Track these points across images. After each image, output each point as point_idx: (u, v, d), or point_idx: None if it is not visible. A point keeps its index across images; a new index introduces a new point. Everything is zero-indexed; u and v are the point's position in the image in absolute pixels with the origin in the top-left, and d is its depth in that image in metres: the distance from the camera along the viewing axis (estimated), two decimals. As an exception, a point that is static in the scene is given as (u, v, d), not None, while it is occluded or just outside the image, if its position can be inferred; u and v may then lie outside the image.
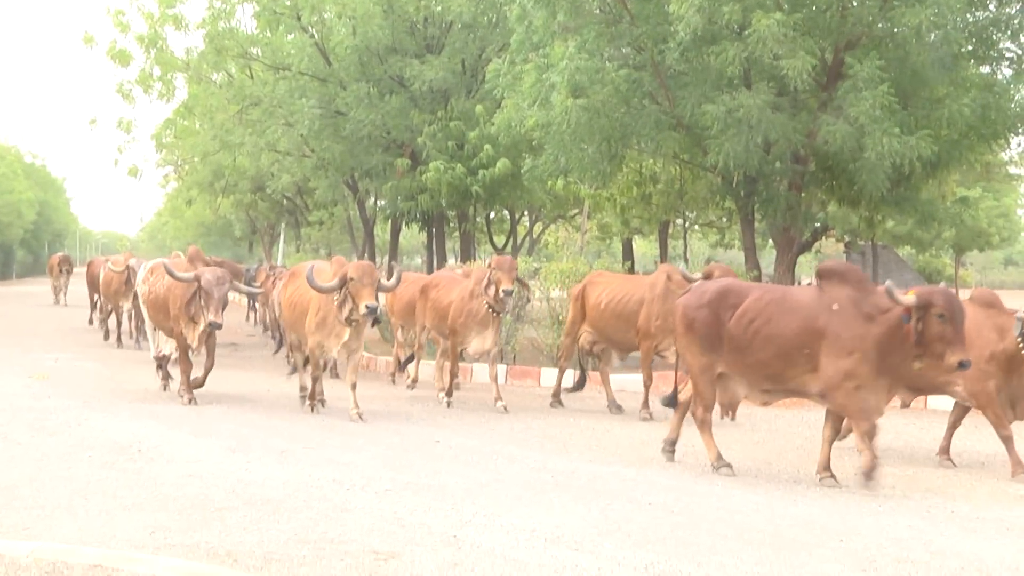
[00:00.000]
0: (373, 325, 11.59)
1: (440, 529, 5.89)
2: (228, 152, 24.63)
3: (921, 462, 9.26)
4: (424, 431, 9.80)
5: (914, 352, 7.83)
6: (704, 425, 8.61)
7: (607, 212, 22.70)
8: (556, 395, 12.68)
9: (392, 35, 20.09)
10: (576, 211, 26.25)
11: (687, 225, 27.63)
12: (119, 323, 18.54)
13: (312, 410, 11.04)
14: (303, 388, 11.61)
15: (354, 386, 10.84)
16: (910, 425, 11.11)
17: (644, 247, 33.42)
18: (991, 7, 14.91)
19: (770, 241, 18.59)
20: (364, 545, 5.55)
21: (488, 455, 8.49)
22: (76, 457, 7.84)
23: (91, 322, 21.83)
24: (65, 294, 29.82)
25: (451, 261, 25.74)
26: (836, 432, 8.39)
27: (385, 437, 9.35)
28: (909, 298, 7.28)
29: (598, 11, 15.50)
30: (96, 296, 21.22)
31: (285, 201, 34.77)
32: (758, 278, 16.62)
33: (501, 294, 11.68)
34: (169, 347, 12.63)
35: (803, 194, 16.34)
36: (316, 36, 20.85)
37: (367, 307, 10.33)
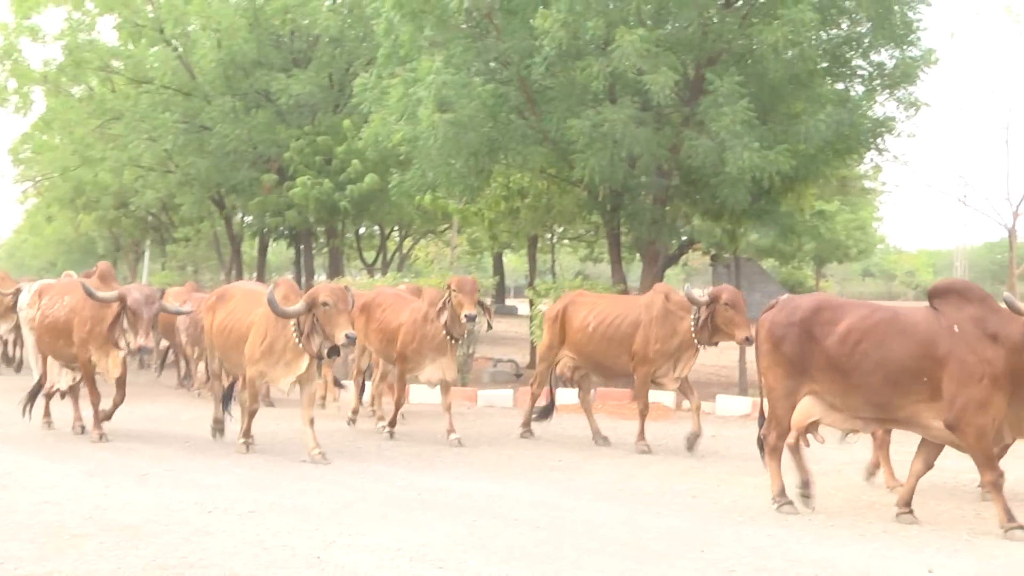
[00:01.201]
0: (331, 356, 10.33)
1: (304, 551, 5.92)
2: (89, 167, 25.40)
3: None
4: (289, 451, 9.71)
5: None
6: (775, 453, 8.21)
7: (476, 227, 23.24)
8: (527, 424, 11.85)
9: (258, 48, 21.06)
10: (446, 226, 27.13)
11: (555, 239, 28.71)
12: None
13: (247, 449, 10.12)
14: (216, 421, 10.86)
15: (311, 421, 9.81)
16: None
17: (515, 262, 34.48)
18: (843, 26, 15.77)
19: (637, 255, 19.36)
20: (225, 569, 5.55)
21: (354, 474, 8.48)
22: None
23: None
24: None
25: (321, 277, 26.81)
26: (928, 466, 7.97)
27: (249, 459, 9.27)
28: None
29: (464, 26, 16.08)
30: None
31: (150, 217, 35.14)
32: (624, 291, 17.16)
33: (463, 319, 10.76)
34: (65, 380, 11.81)
35: (667, 208, 17.00)
36: (180, 49, 21.56)
37: (347, 336, 9.36)
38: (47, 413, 11.72)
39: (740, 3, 16.06)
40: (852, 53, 16.37)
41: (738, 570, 5.86)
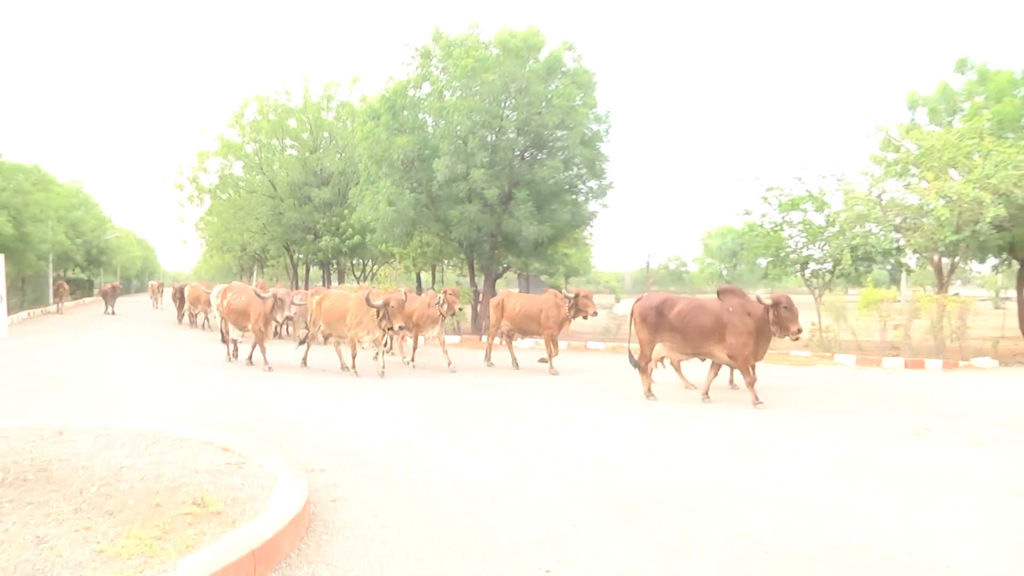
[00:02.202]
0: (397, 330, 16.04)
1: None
2: (229, 233, 41.70)
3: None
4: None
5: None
6: (646, 373, 13.24)
7: (406, 260, 34.92)
8: (488, 357, 18.60)
9: (304, 176, 34.09)
10: (393, 260, 39.21)
11: (443, 266, 41.17)
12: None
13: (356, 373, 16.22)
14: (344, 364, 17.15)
15: (381, 354, 15.98)
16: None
17: (426, 277, 46.61)
18: (574, 169, 26.76)
19: (483, 275, 30.03)
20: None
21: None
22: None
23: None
24: (158, 303, 48.00)
25: (334, 283, 41.54)
26: (716, 374, 13.44)
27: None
28: None
29: (400, 165, 26.42)
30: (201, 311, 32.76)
31: (256, 255, 50.36)
32: (476, 294, 28.17)
33: (455, 309, 17.31)
34: (236, 335, 18.69)
35: (495, 251, 27.71)
36: (269, 175, 36.17)
37: (400, 326, 15.39)
38: (235, 352, 18.45)
39: (528, 156, 26.66)
40: (578, 181, 27.29)
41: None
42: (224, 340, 18.63)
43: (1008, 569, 5.65)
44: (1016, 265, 27.31)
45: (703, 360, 13.80)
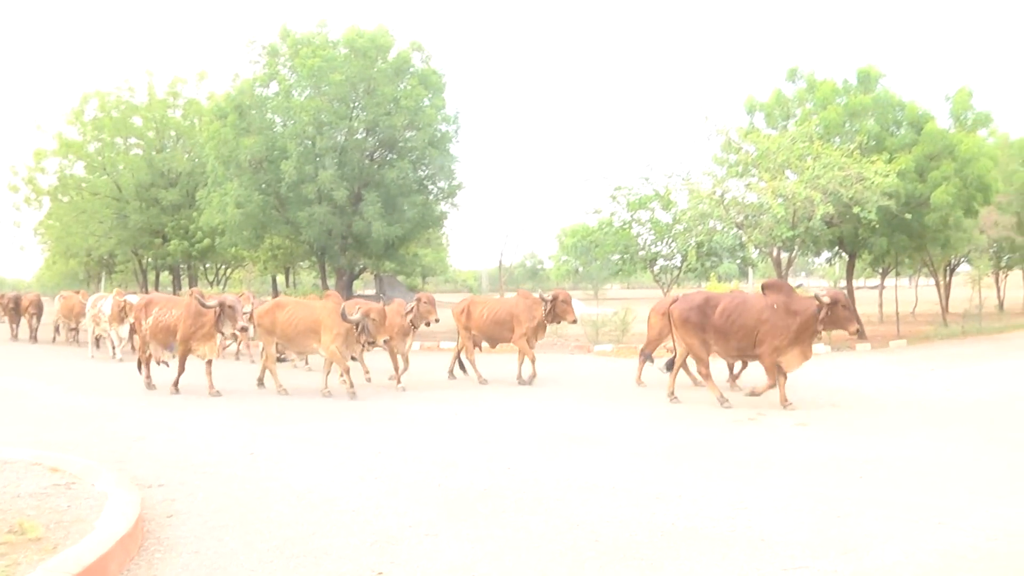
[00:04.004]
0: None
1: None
2: (72, 237, 37.44)
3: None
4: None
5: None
6: (708, 377, 12.46)
7: (259, 264, 34.77)
8: (451, 371, 16.37)
9: (151, 177, 32.65)
10: (245, 263, 38.32)
11: (297, 268, 41.08)
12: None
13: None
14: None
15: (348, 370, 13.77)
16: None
17: (280, 279, 46.10)
18: (422, 171, 27.43)
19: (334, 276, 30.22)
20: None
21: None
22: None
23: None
24: None
25: (183, 288, 39.33)
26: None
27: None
28: None
29: (248, 166, 26.12)
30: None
31: (103, 261, 46.31)
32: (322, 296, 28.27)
33: (433, 320, 15.23)
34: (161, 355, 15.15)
35: (347, 253, 27.83)
36: (113, 175, 34.13)
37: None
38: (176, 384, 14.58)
39: (377, 156, 27.09)
40: (427, 181, 27.79)
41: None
42: (144, 364, 15.28)
43: (812, 537, 6.16)
44: (846, 257, 28.96)
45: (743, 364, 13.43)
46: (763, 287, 12.52)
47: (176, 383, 14.44)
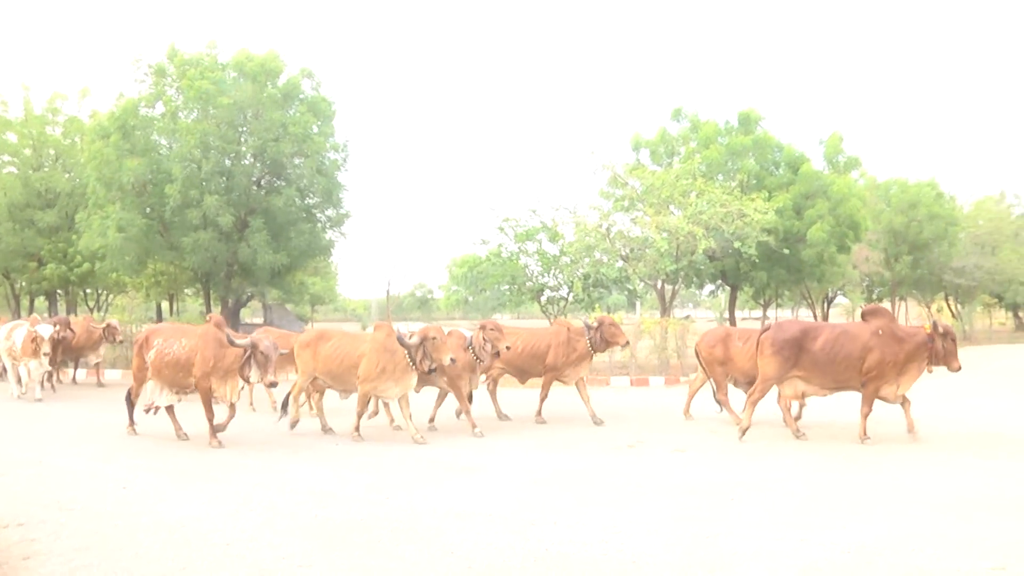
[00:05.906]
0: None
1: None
2: None
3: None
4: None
5: None
6: (752, 406, 11.94)
7: (141, 290, 33.35)
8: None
9: (26, 197, 30.69)
10: (127, 290, 36.33)
11: (180, 295, 39.40)
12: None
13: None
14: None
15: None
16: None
17: (165, 307, 43.79)
18: (310, 200, 27.16)
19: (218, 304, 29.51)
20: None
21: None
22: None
23: None
24: None
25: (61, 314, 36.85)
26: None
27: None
28: None
29: (131, 189, 25.16)
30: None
31: None
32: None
33: (502, 349, 12.81)
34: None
35: (232, 280, 27.39)
36: None
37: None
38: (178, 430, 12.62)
39: (265, 183, 26.58)
40: (315, 210, 27.46)
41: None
42: (132, 405, 13.11)
43: (681, 558, 6.35)
44: (728, 290, 29.97)
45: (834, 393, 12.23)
46: (863, 314, 12.07)
47: (213, 432, 11.98)
